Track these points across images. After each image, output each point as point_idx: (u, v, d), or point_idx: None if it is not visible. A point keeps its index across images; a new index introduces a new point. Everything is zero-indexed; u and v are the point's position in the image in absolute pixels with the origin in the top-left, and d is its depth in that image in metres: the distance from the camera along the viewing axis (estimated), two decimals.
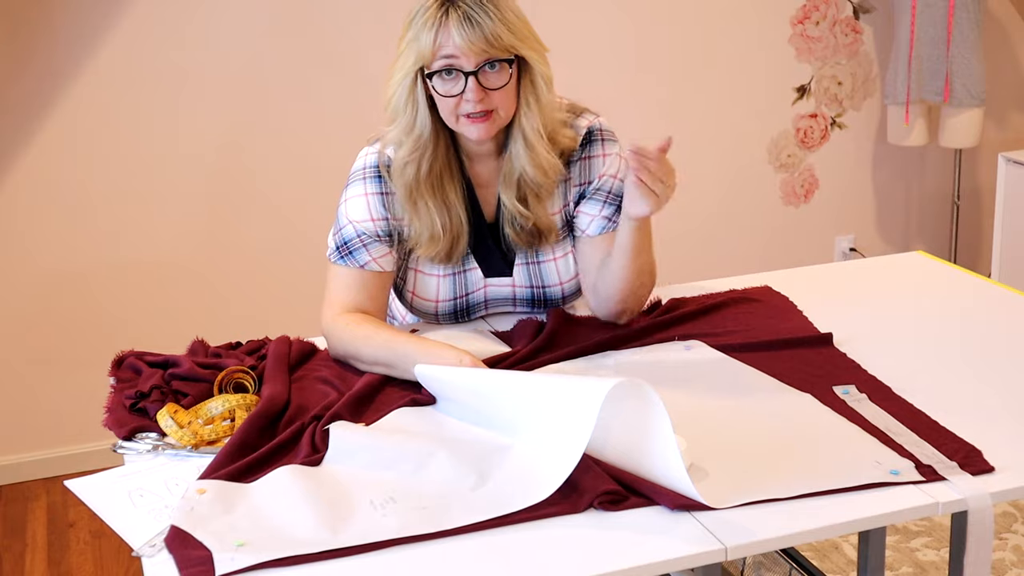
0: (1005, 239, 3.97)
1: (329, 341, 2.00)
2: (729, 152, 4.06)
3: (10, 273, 3.40)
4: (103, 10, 3.32)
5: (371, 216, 2.00)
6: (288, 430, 1.72)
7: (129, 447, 1.72)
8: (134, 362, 1.93)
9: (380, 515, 1.50)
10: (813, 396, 1.80)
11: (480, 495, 1.54)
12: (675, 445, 1.50)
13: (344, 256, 2.02)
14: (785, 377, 1.87)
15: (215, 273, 3.58)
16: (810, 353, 1.96)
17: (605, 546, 1.45)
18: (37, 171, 3.37)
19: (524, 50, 1.92)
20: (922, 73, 3.90)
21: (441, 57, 1.89)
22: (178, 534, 1.46)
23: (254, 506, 1.52)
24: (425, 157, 1.96)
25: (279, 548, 1.42)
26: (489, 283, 2.08)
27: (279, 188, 3.58)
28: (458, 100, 1.91)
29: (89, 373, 3.45)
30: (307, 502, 1.52)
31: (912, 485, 1.55)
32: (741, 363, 1.93)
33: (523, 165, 1.98)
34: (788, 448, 1.67)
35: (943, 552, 2.99)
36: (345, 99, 3.57)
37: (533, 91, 1.96)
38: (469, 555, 1.44)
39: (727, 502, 1.52)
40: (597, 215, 2.06)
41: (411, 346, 1.88)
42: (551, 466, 1.55)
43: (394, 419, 1.76)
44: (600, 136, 2.06)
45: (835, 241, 4.29)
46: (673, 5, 3.88)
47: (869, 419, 1.73)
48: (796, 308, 2.15)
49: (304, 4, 3.49)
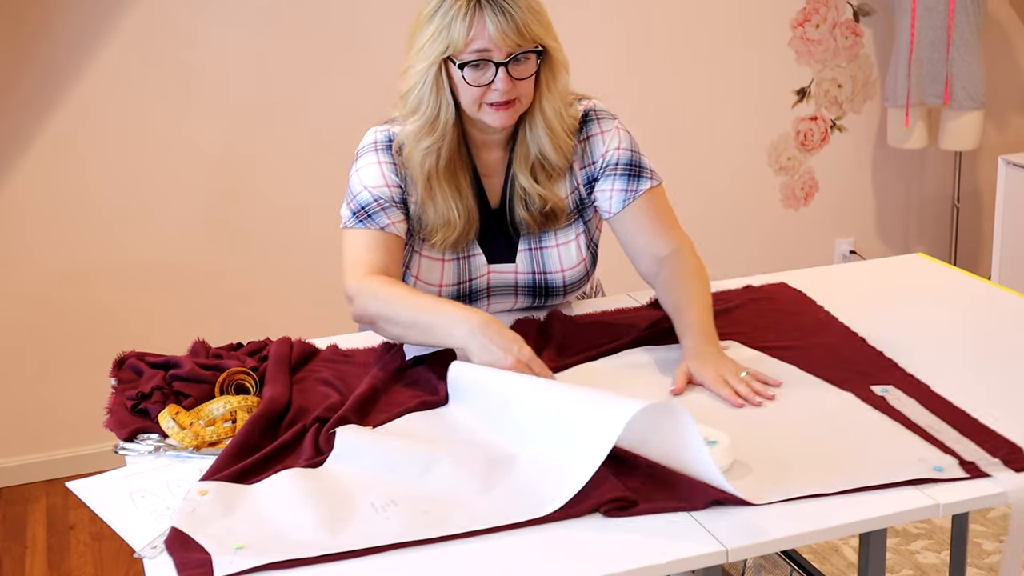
0: (1005, 242, 3.98)
1: (357, 302, 1.94)
2: (729, 155, 4.07)
3: (11, 273, 3.40)
4: (104, 10, 3.32)
5: (386, 182, 2.02)
6: (290, 431, 1.72)
7: (130, 448, 1.72)
8: (135, 363, 1.93)
9: (382, 518, 1.49)
10: (853, 395, 1.82)
11: (483, 502, 1.53)
12: (706, 451, 1.50)
13: (363, 220, 2.00)
14: (822, 375, 1.89)
15: (217, 274, 3.58)
16: (845, 351, 1.98)
17: (605, 548, 1.45)
18: (39, 171, 3.37)
19: (547, 40, 1.97)
20: (922, 76, 3.90)
21: (473, 48, 1.92)
22: (178, 536, 1.46)
23: (254, 508, 1.52)
24: (444, 147, 1.99)
25: (279, 551, 1.42)
26: (492, 269, 2.10)
27: (281, 189, 3.59)
28: (485, 89, 1.94)
29: (89, 375, 3.45)
30: (307, 504, 1.52)
31: (912, 486, 1.56)
32: (779, 361, 1.94)
33: (541, 146, 2.03)
34: (830, 445, 1.68)
35: (943, 555, 2.99)
36: (349, 100, 3.57)
37: (552, 77, 2.00)
38: (468, 558, 1.44)
39: (768, 498, 1.52)
40: (612, 189, 2.08)
41: (460, 309, 1.86)
42: (558, 482, 1.54)
43: (402, 423, 1.76)
44: (595, 116, 2.10)
45: (835, 244, 4.29)
46: (673, 8, 3.88)
47: (910, 416, 1.74)
48: (816, 304, 2.17)
49: (306, 5, 3.49)
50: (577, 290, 2.17)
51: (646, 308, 2.18)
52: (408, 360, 1.95)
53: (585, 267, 2.14)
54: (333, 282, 3.64)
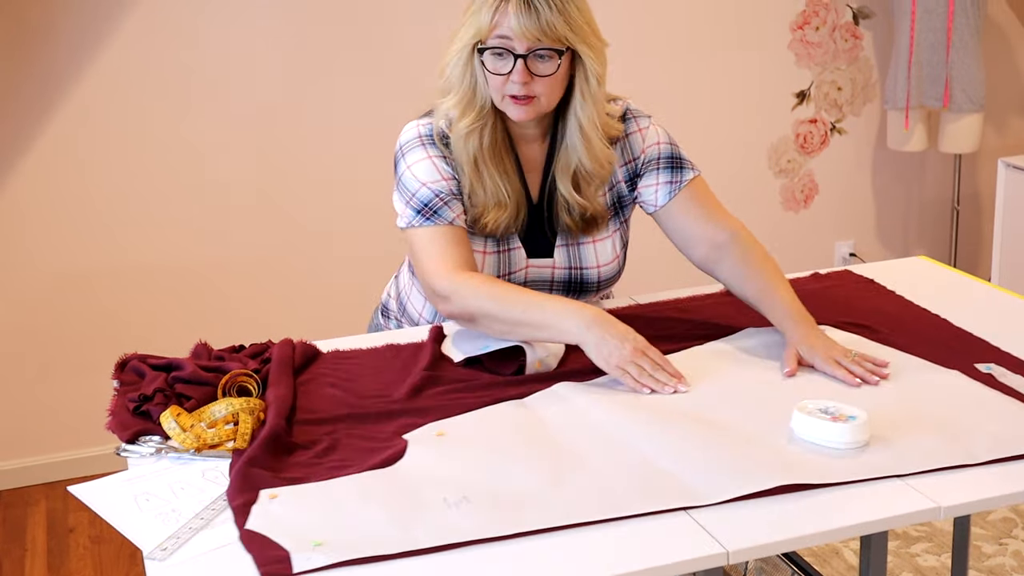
0: (1005, 244, 3.98)
1: (455, 300, 1.94)
2: (729, 157, 4.07)
3: (12, 276, 3.41)
4: (105, 12, 3.32)
5: (442, 176, 2.02)
6: (327, 433, 1.72)
7: (132, 450, 1.72)
8: (137, 365, 1.93)
9: (457, 514, 1.51)
10: (960, 372, 1.86)
11: (557, 499, 1.54)
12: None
13: (429, 217, 2.00)
14: (921, 356, 1.93)
15: (218, 276, 3.58)
16: (933, 333, 2.03)
17: (605, 550, 1.45)
18: (40, 174, 3.37)
19: (577, 44, 1.97)
20: (922, 78, 3.90)
21: (496, 36, 1.94)
22: (254, 535, 1.47)
23: (327, 507, 1.53)
24: (487, 129, 2.01)
25: (355, 548, 1.44)
26: (531, 263, 2.11)
27: (281, 191, 3.59)
28: (505, 79, 1.95)
29: (90, 378, 3.45)
30: (380, 502, 1.54)
31: (913, 489, 1.56)
32: (877, 343, 1.98)
33: (579, 157, 2.04)
34: (946, 422, 1.71)
35: (944, 558, 2.99)
36: (351, 101, 3.58)
37: (587, 84, 2.02)
38: (467, 561, 1.44)
39: (911, 468, 1.58)
40: (657, 183, 2.12)
41: (566, 302, 1.91)
42: (638, 484, 1.56)
43: (471, 420, 1.77)
44: (632, 115, 2.14)
45: (835, 246, 4.29)
46: (672, 10, 3.89)
47: (1021, 391, 1.79)
48: (887, 289, 2.24)
49: (307, 6, 3.50)
50: (610, 286, 2.19)
51: (717, 295, 2.23)
52: (459, 360, 1.95)
53: (619, 264, 2.17)
54: (334, 284, 3.66)
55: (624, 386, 1.83)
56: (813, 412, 1.67)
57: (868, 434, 1.64)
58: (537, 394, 1.83)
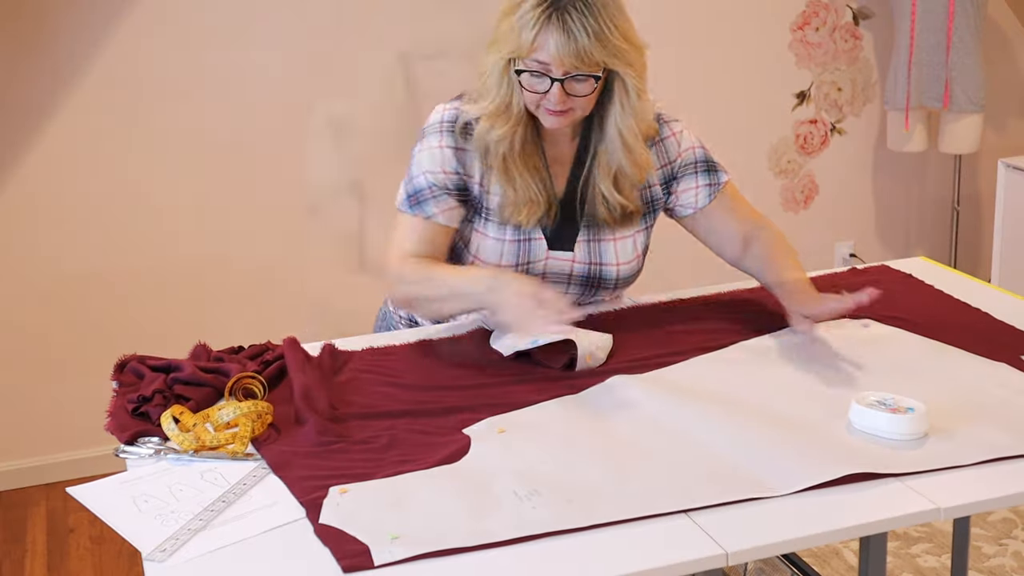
0: (1005, 245, 3.98)
1: (395, 287, 2.06)
2: (729, 158, 4.03)
3: (11, 277, 3.40)
4: (106, 12, 3.32)
5: (442, 168, 2.06)
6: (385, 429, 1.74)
7: (131, 451, 1.72)
8: (136, 366, 1.93)
9: (529, 507, 1.52)
10: (1008, 365, 1.88)
11: (627, 491, 1.56)
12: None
13: (413, 206, 2.07)
14: (965, 349, 1.94)
15: (218, 277, 3.58)
16: (976, 325, 2.05)
17: (605, 551, 1.45)
18: (39, 175, 3.37)
19: (616, 64, 1.98)
20: (922, 79, 3.90)
21: (533, 57, 1.95)
22: (330, 529, 1.48)
23: (400, 501, 1.55)
24: (518, 134, 2.03)
25: (432, 541, 1.45)
26: (551, 255, 2.12)
27: (282, 192, 3.59)
28: (541, 96, 1.98)
29: (89, 379, 3.45)
30: (453, 495, 1.55)
31: (913, 491, 1.56)
32: (920, 337, 2.00)
33: (621, 162, 2.07)
34: (1001, 413, 1.74)
35: (944, 558, 2.99)
36: (354, 101, 3.57)
37: (627, 97, 2.04)
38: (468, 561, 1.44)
39: (973, 458, 1.60)
40: (696, 186, 2.17)
41: (481, 270, 2.02)
42: (709, 479, 1.58)
43: (534, 414, 1.79)
44: (664, 119, 2.17)
45: (835, 247, 4.29)
46: (672, 11, 3.89)
47: None
48: (926, 284, 2.27)
49: (308, 6, 3.50)
50: (627, 286, 2.21)
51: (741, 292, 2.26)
52: (510, 355, 1.96)
53: (638, 264, 2.18)
54: (335, 285, 3.66)
55: (677, 378, 1.87)
56: (872, 404, 1.70)
57: (927, 425, 1.67)
58: (592, 388, 1.86)
